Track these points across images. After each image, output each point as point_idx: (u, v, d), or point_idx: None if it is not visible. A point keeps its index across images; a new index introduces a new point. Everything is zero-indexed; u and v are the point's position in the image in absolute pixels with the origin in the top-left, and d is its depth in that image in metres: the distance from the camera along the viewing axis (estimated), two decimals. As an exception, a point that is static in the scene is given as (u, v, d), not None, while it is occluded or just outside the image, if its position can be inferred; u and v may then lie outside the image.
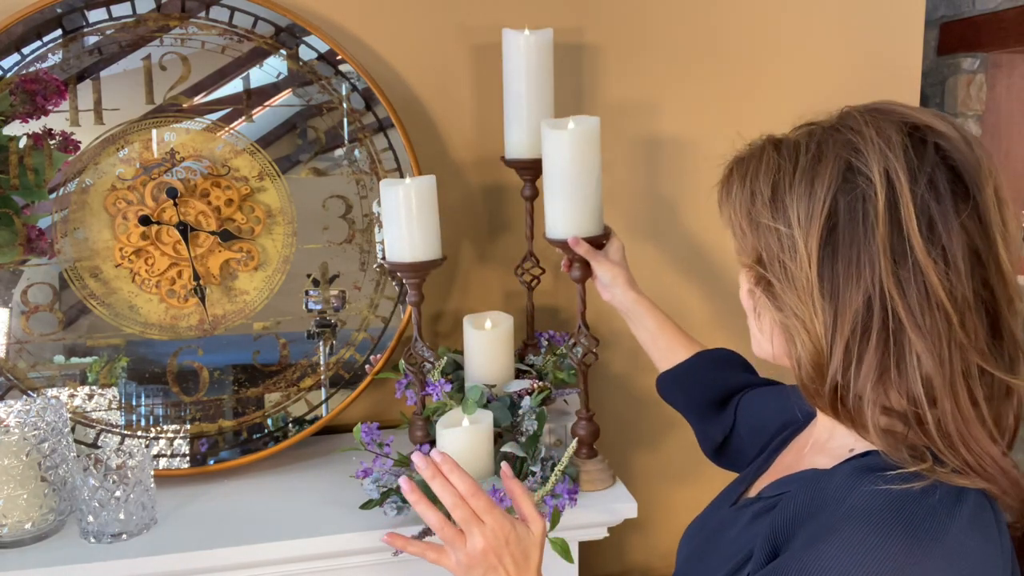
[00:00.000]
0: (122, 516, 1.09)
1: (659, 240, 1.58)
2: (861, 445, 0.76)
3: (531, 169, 1.32)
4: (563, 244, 1.14)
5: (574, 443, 1.14)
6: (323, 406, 1.34)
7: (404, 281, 1.23)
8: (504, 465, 0.95)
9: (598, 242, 1.15)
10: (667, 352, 1.18)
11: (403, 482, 0.92)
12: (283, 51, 1.30)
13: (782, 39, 1.57)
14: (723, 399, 1.13)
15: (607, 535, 1.22)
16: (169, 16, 1.26)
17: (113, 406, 1.27)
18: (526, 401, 1.19)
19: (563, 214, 1.12)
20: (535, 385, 1.23)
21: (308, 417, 1.33)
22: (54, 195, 1.24)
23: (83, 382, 1.26)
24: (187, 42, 1.27)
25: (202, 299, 1.29)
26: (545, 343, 1.40)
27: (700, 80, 1.55)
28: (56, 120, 1.23)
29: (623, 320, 1.21)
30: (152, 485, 1.13)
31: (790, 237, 0.71)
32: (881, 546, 0.64)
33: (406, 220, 1.15)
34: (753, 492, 0.91)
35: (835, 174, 0.70)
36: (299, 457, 1.35)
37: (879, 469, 0.70)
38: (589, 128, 1.11)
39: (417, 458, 0.90)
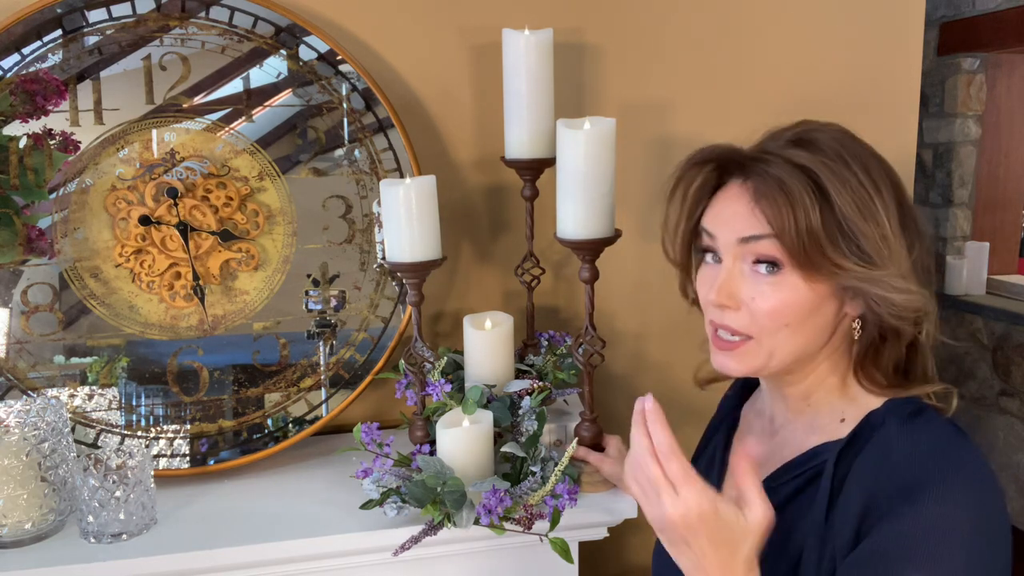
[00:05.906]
0: (122, 516, 1.09)
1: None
2: (850, 412, 0.90)
3: (531, 169, 1.32)
4: (574, 244, 1.14)
5: (574, 443, 1.14)
6: (323, 406, 1.34)
7: (404, 281, 1.23)
8: (746, 448, 0.79)
9: (610, 242, 1.14)
10: None
11: (646, 401, 0.80)
12: (283, 51, 1.30)
13: (782, 39, 1.57)
14: None
15: (607, 535, 1.22)
16: (169, 16, 1.26)
17: (113, 406, 1.27)
18: (526, 401, 1.19)
19: (575, 214, 1.12)
20: (535, 385, 1.23)
21: (308, 417, 1.33)
22: (54, 195, 1.24)
23: (83, 382, 1.26)
24: (187, 42, 1.27)
25: (202, 299, 1.29)
26: (545, 343, 1.40)
27: (700, 80, 1.55)
28: (56, 120, 1.23)
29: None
30: (152, 485, 1.13)
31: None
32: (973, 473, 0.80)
33: (406, 220, 1.15)
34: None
35: None
36: (299, 457, 1.35)
37: (912, 414, 0.85)
38: (605, 129, 1.10)
39: (638, 403, 0.80)
